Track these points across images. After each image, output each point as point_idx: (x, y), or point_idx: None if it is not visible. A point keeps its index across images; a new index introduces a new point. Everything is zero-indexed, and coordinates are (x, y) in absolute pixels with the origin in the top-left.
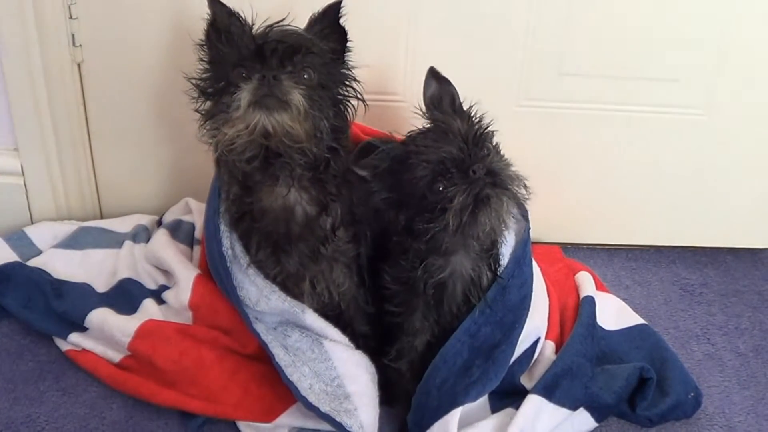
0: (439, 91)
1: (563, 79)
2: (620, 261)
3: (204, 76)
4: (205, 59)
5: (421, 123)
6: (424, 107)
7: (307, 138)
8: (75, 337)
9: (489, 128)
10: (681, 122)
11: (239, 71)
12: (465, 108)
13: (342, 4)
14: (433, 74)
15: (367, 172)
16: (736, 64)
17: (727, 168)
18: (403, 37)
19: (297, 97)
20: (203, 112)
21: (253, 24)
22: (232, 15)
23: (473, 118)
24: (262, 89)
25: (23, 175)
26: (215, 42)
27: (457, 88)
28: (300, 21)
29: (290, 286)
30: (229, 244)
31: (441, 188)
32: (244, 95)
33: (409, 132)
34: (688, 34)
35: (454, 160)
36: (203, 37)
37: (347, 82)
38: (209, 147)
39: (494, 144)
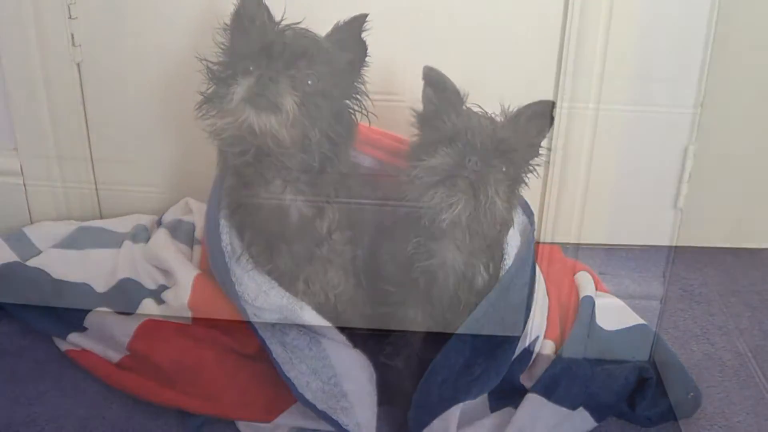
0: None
1: (563, 79)
2: (620, 261)
3: (219, 60)
4: (225, 44)
5: None
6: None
7: (293, 144)
8: (74, 337)
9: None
10: (680, 122)
11: (246, 64)
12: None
13: (367, 18)
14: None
15: (430, 92)
16: (734, 64)
17: (727, 168)
18: (403, 37)
19: (289, 102)
20: (204, 95)
21: (280, 21)
22: (261, 5)
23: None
24: (256, 88)
25: (22, 175)
26: (235, 30)
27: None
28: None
29: (284, 284)
30: (229, 239)
31: (441, 146)
32: (239, 90)
33: (470, 105)
34: (687, 34)
35: (470, 140)
36: (228, 22)
37: (356, 95)
38: (207, 135)
39: (519, 168)
